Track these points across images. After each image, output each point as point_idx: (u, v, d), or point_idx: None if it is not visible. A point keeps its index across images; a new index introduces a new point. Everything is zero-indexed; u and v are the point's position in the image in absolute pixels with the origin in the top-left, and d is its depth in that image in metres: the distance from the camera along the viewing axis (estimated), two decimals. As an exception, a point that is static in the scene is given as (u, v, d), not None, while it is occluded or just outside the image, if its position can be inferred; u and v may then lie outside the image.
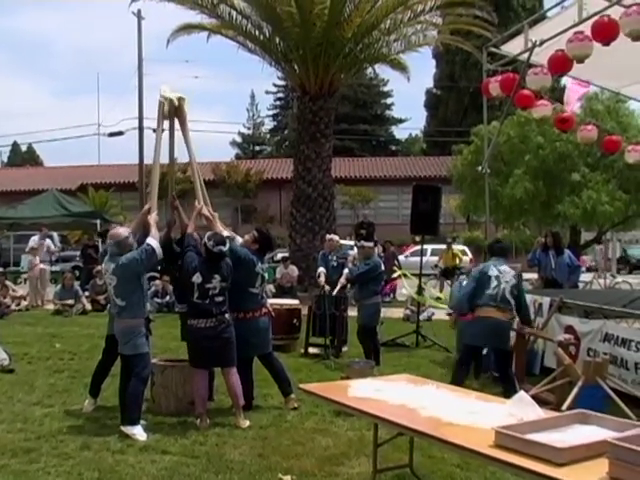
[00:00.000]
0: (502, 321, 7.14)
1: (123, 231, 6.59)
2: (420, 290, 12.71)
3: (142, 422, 6.49)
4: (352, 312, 10.34)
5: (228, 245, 6.64)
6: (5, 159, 56.55)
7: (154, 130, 7.83)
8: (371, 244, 10.14)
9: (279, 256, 20.07)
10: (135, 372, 6.35)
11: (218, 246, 6.47)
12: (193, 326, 6.49)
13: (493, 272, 7.21)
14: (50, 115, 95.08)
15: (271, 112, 55.97)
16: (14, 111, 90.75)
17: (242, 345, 6.70)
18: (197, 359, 6.61)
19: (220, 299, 6.50)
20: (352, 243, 11.85)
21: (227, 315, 6.54)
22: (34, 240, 18.07)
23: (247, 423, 6.41)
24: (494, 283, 7.16)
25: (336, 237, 11.21)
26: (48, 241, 18.70)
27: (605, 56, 7.31)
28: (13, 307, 15.58)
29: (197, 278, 6.46)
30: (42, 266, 17.19)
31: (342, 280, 10.11)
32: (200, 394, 6.58)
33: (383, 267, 10.12)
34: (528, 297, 9.37)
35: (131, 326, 6.33)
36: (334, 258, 10.94)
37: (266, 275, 7.53)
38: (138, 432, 6.06)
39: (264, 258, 7.43)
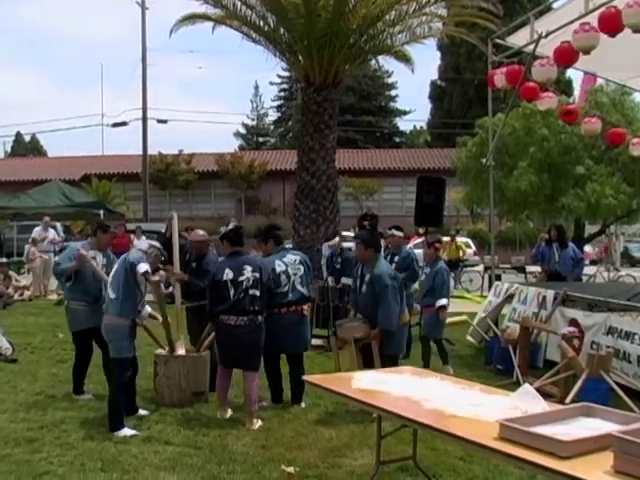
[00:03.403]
0: None
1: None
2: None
3: (145, 412, 6.52)
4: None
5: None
6: (9, 149, 56.41)
7: (158, 121, 7.81)
8: (401, 234, 9.54)
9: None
10: (114, 376, 6.29)
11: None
12: (223, 322, 6.30)
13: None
14: (54, 105, 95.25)
15: (275, 103, 55.79)
16: (17, 101, 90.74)
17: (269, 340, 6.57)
18: (220, 356, 6.56)
19: (256, 292, 6.29)
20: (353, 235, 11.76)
21: (260, 317, 6.33)
22: (37, 231, 18.05)
23: (258, 423, 6.20)
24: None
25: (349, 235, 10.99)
26: (52, 231, 18.68)
27: (611, 48, 7.28)
28: (16, 297, 15.65)
29: (228, 275, 6.33)
30: (44, 256, 17.18)
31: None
32: (218, 389, 6.68)
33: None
34: (532, 290, 9.41)
35: (115, 325, 6.17)
36: (338, 260, 10.84)
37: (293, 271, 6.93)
38: (126, 433, 5.93)
39: (282, 255, 7.06)
